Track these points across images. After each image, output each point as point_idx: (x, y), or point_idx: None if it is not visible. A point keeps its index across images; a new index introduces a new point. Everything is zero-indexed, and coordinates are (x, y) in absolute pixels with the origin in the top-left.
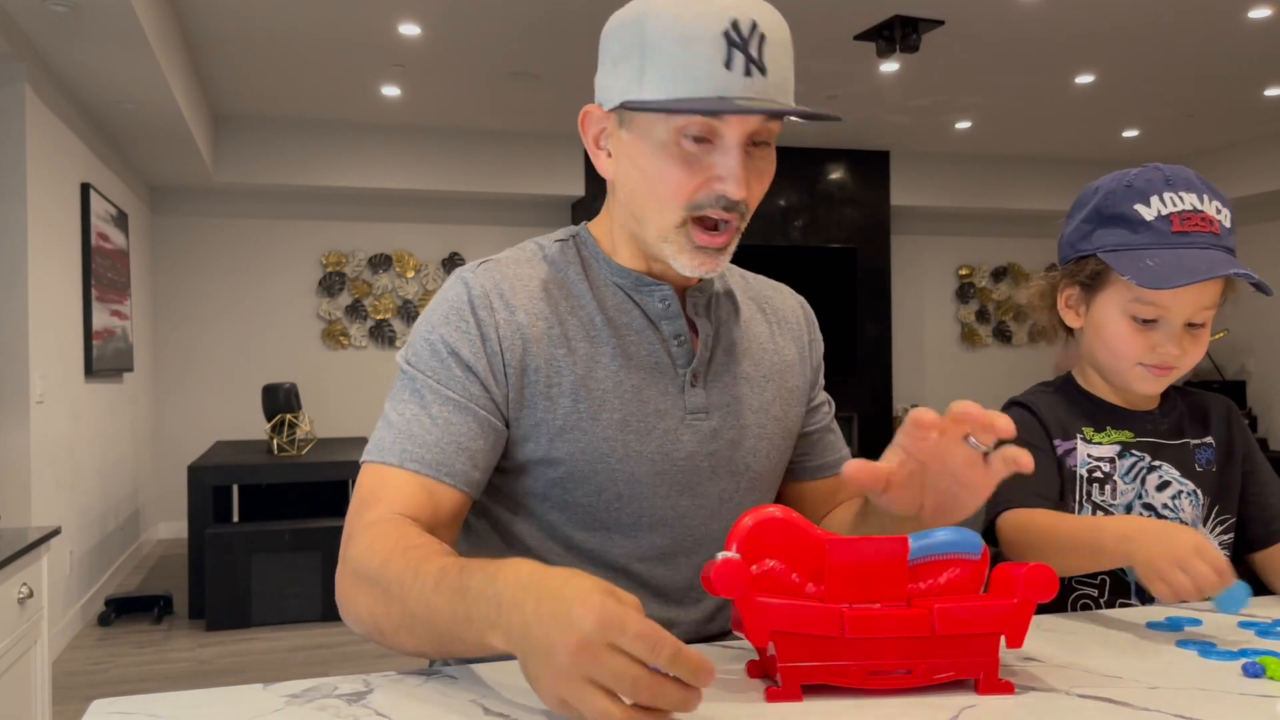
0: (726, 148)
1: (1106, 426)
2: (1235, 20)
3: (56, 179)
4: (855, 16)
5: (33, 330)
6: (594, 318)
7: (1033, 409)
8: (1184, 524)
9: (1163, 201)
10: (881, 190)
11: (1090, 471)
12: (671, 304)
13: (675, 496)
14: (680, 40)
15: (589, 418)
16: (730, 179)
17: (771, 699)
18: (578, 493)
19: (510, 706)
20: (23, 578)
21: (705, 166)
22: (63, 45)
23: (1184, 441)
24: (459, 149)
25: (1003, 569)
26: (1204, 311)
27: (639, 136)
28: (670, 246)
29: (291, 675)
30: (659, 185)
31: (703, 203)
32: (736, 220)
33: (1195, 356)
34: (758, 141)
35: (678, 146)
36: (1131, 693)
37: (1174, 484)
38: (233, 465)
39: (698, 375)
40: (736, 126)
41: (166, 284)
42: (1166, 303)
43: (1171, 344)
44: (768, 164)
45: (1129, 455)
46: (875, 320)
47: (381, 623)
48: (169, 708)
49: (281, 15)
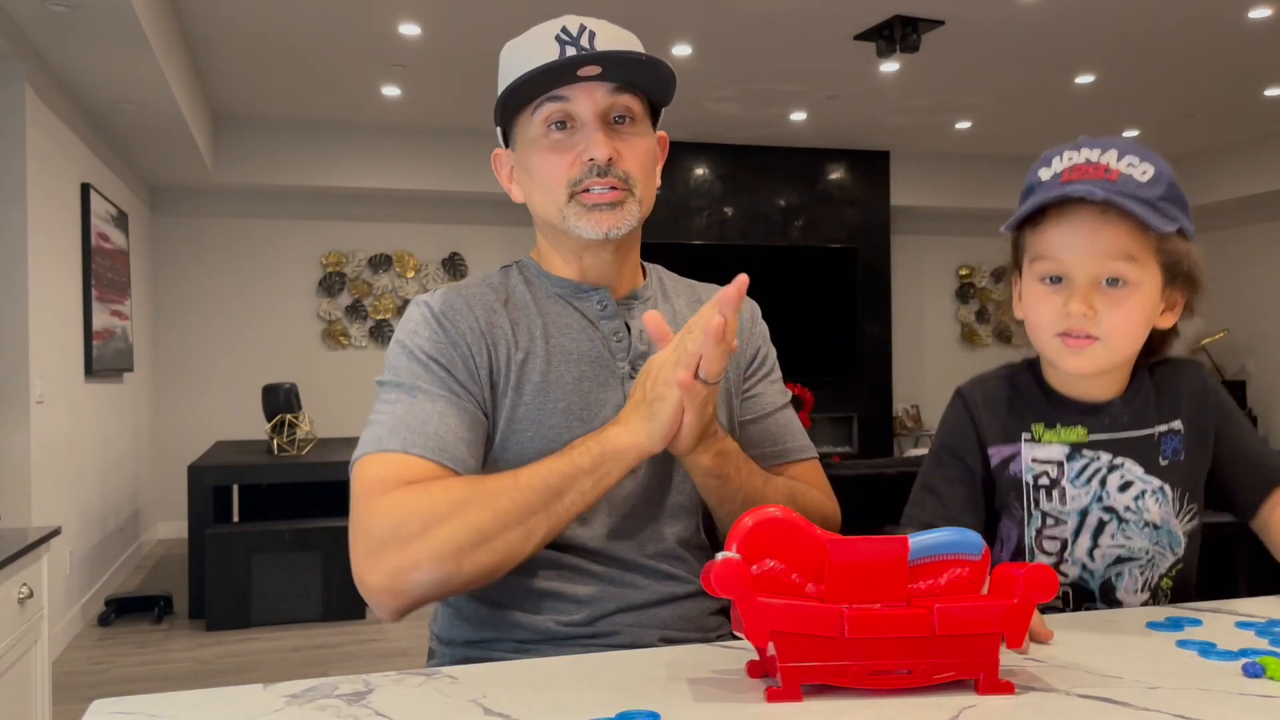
0: (584, 123)
1: (1057, 423)
2: (1235, 20)
3: (56, 179)
4: (855, 16)
5: (33, 330)
6: (537, 323)
7: (970, 408)
8: (1148, 525)
9: (1060, 159)
10: (881, 190)
11: (1036, 478)
12: (608, 305)
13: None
14: (520, 54)
15: (539, 409)
16: (592, 145)
17: (771, 699)
18: None
19: (510, 706)
20: (23, 578)
21: (572, 147)
22: (63, 45)
23: (1148, 433)
24: (459, 149)
25: (1002, 569)
26: (1111, 264)
27: (523, 153)
28: (570, 220)
29: (291, 675)
30: (542, 176)
31: (578, 176)
32: (618, 185)
33: (1118, 323)
34: (620, 118)
35: (546, 138)
36: (1131, 693)
37: (1137, 483)
38: (233, 465)
39: (635, 366)
40: (585, 104)
41: (166, 284)
42: (1057, 252)
43: (1076, 300)
44: (640, 139)
45: (1079, 456)
46: (875, 320)
47: (485, 527)
48: (169, 708)
49: (281, 15)
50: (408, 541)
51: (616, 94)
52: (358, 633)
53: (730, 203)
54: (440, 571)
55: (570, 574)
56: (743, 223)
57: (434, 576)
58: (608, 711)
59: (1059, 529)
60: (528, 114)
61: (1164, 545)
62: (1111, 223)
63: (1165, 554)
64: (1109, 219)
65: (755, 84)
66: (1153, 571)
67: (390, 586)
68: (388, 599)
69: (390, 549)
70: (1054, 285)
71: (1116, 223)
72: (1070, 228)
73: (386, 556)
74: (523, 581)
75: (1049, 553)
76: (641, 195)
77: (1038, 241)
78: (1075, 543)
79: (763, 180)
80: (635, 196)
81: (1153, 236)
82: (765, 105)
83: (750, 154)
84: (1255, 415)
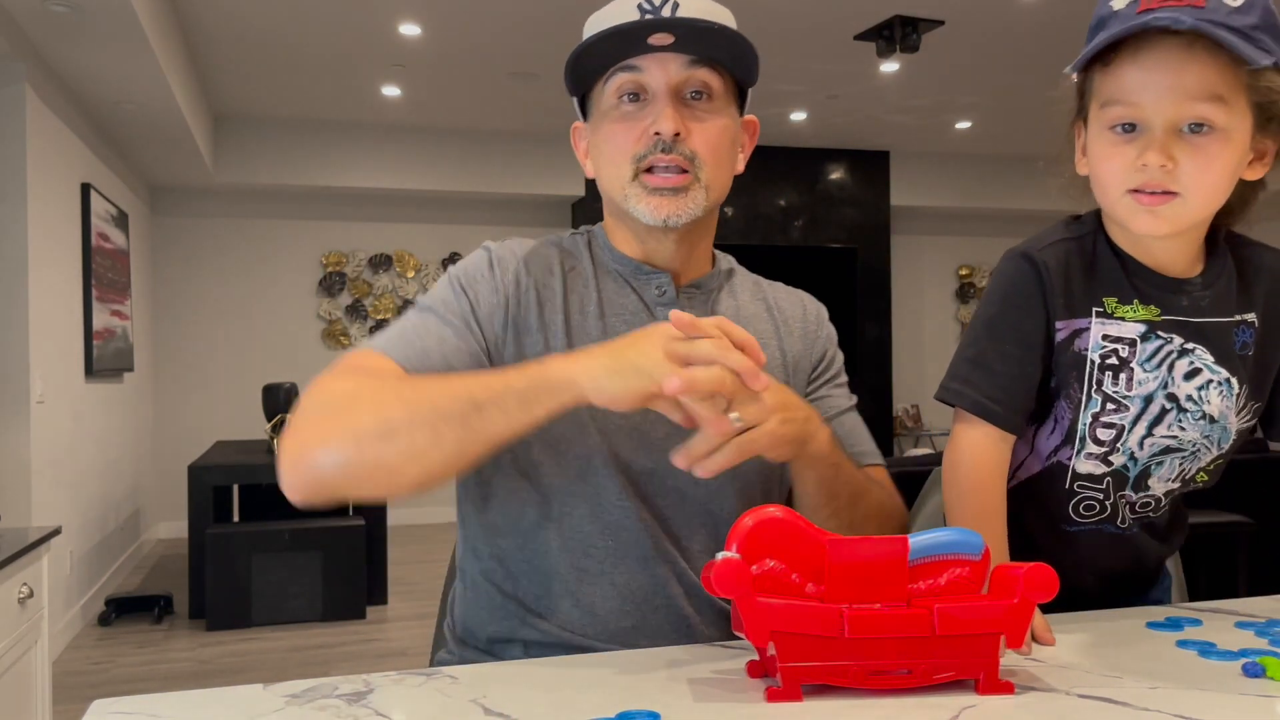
0: (655, 96)
1: (1134, 298)
2: None
3: (57, 179)
4: (855, 16)
5: (33, 330)
6: (593, 297)
7: (1041, 272)
8: (1205, 417)
9: None
10: (881, 190)
11: (1104, 357)
12: (667, 291)
13: (649, 475)
14: (599, 20)
15: None
16: (659, 118)
17: (771, 699)
18: (569, 455)
19: (510, 706)
20: (23, 578)
21: (641, 119)
22: (63, 45)
23: (1226, 320)
24: (459, 149)
25: (1002, 569)
26: (1197, 106)
27: (595, 125)
28: (631, 200)
29: (291, 675)
30: (608, 148)
31: (643, 151)
32: (684, 164)
33: (1201, 176)
34: (695, 94)
35: (617, 110)
36: (1131, 693)
37: (1205, 371)
38: (233, 465)
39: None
40: (659, 75)
41: (166, 284)
42: (1133, 94)
43: (1154, 151)
44: (715, 118)
45: (1155, 337)
46: (875, 320)
47: (395, 420)
48: (169, 708)
49: (282, 15)
50: (324, 419)
51: (693, 68)
52: (358, 633)
53: (730, 203)
54: (340, 454)
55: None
56: (743, 223)
57: (334, 459)
58: (608, 711)
59: (1118, 415)
60: (601, 85)
61: (1213, 439)
62: (1198, 58)
63: (1211, 449)
64: (1195, 53)
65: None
66: (1193, 464)
67: (296, 461)
68: (290, 473)
69: (309, 424)
70: (1126, 134)
71: (1204, 58)
72: (1149, 65)
73: (303, 430)
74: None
75: (1101, 441)
76: (709, 181)
77: (1109, 83)
78: (1131, 431)
79: (763, 180)
80: (701, 182)
81: (1244, 73)
82: (765, 105)
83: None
84: None
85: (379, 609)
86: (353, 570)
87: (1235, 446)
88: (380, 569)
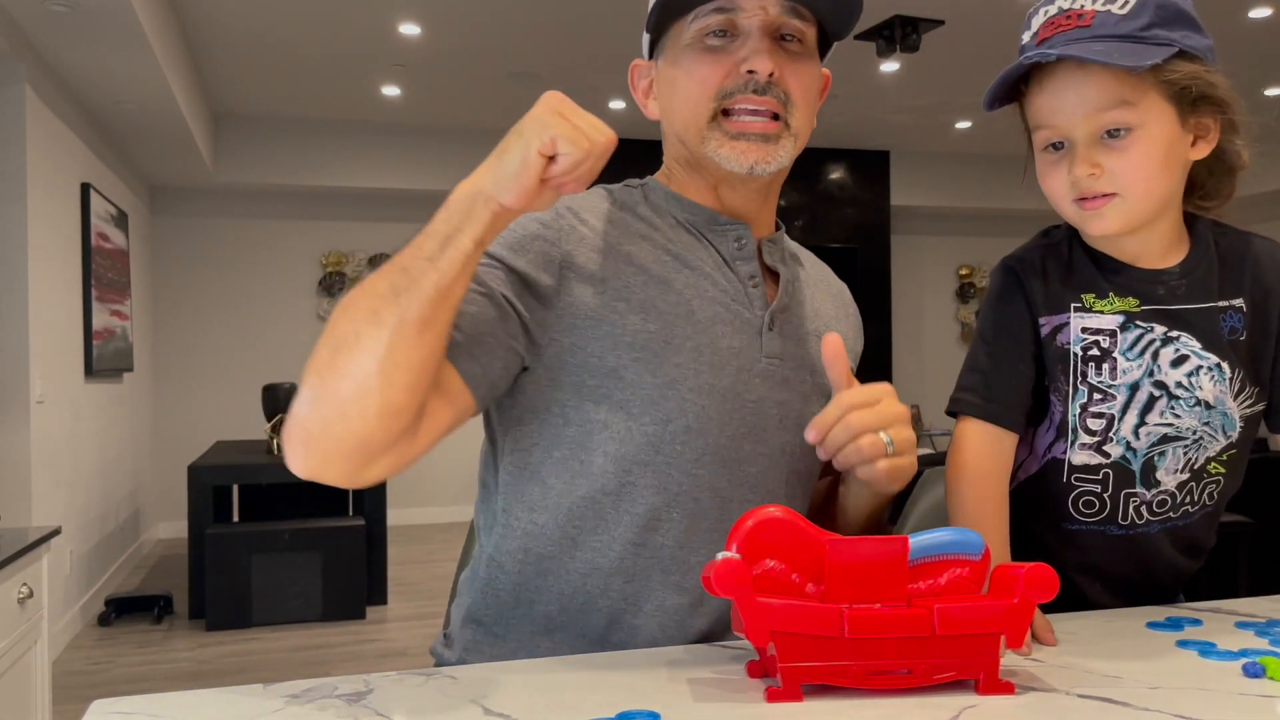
0: (748, 34)
1: (1110, 292)
2: (1235, 20)
3: (56, 179)
4: None
5: (33, 330)
6: (665, 248)
7: (1022, 279)
8: (1199, 404)
9: (1039, 15)
10: (881, 190)
11: (1085, 349)
12: (747, 244)
13: (740, 440)
14: None
15: (660, 340)
16: (753, 56)
17: (771, 699)
18: (644, 419)
19: (510, 706)
20: (23, 578)
21: (730, 54)
22: (63, 45)
23: (1208, 306)
24: (459, 149)
25: (1003, 569)
26: (1105, 115)
27: (670, 60)
28: (711, 144)
29: (291, 675)
30: (688, 85)
31: (730, 89)
32: (777, 109)
33: (1130, 172)
34: (787, 36)
35: (702, 44)
36: (1131, 693)
37: (1193, 358)
38: (233, 465)
39: (775, 319)
40: (754, 14)
41: (166, 284)
42: (1049, 118)
43: (1079, 164)
44: (806, 64)
45: (1133, 327)
46: (875, 320)
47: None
48: (169, 708)
49: (282, 15)
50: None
51: (790, 13)
52: (358, 633)
53: None
54: (309, 392)
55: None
56: None
57: (306, 401)
58: (608, 711)
59: (1106, 404)
60: (685, 22)
61: (1215, 427)
62: (1094, 72)
63: (1216, 436)
64: (1090, 69)
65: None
66: (1198, 452)
67: (287, 431)
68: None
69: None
70: (1059, 152)
71: (1099, 71)
72: (1054, 89)
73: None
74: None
75: (1093, 431)
76: (798, 129)
77: (1031, 111)
78: (1121, 420)
79: None
80: (791, 130)
81: (1143, 76)
82: None
83: None
84: None
85: (379, 609)
86: (353, 570)
87: (1248, 437)
88: (380, 569)
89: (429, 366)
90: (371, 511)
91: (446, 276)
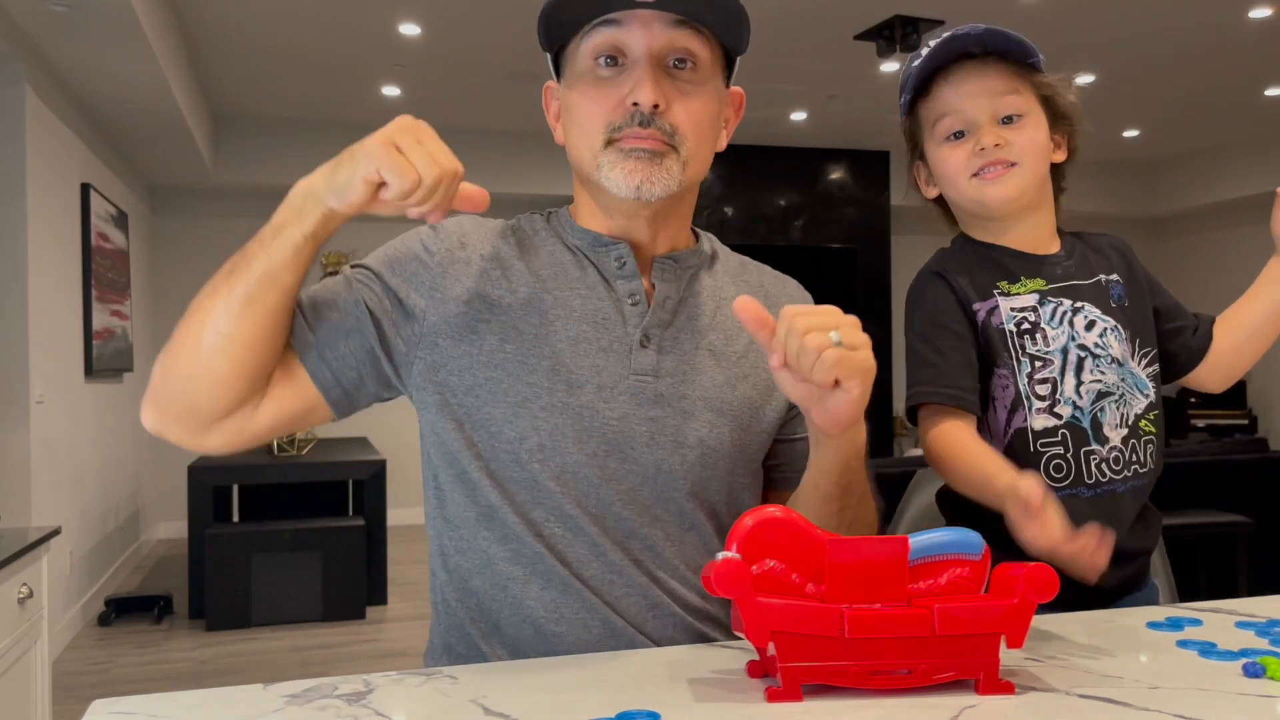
0: (635, 62)
1: (1020, 276)
2: (1235, 20)
3: (56, 179)
4: (855, 16)
5: (32, 330)
6: (544, 269)
7: (948, 278)
8: (1114, 361)
9: (927, 47)
10: (881, 190)
11: (1018, 325)
12: (627, 263)
13: (603, 457)
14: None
15: (515, 360)
16: (638, 87)
17: (771, 699)
18: (502, 437)
19: (510, 706)
20: (23, 578)
21: (618, 86)
22: (63, 45)
23: (1095, 280)
24: (459, 149)
25: (1003, 569)
26: (1002, 99)
27: (569, 85)
28: (603, 169)
29: (291, 675)
30: (581, 115)
31: (619, 122)
32: (663, 138)
33: (1027, 146)
34: (679, 62)
35: (593, 74)
36: (1131, 693)
37: (1099, 322)
38: (233, 465)
39: (649, 336)
40: (640, 36)
41: (166, 284)
42: (955, 105)
43: (988, 134)
44: (699, 90)
45: (1049, 301)
46: (875, 320)
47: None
48: (169, 708)
49: (282, 15)
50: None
51: (677, 28)
52: (358, 633)
53: (730, 202)
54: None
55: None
56: (742, 223)
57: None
58: (608, 711)
59: (1047, 369)
60: (577, 41)
61: (1130, 385)
62: (992, 64)
63: (1135, 394)
64: (988, 62)
65: (755, 84)
66: (1128, 408)
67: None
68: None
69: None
70: (959, 139)
71: (996, 63)
72: (959, 79)
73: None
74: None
75: (1042, 396)
76: (688, 156)
77: (935, 106)
78: (1063, 381)
79: (762, 180)
80: (679, 155)
81: (1026, 76)
82: (765, 105)
83: (750, 154)
84: (1255, 415)
85: (379, 609)
86: (353, 570)
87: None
88: (380, 569)
89: (257, 343)
90: (371, 511)
91: (275, 262)
